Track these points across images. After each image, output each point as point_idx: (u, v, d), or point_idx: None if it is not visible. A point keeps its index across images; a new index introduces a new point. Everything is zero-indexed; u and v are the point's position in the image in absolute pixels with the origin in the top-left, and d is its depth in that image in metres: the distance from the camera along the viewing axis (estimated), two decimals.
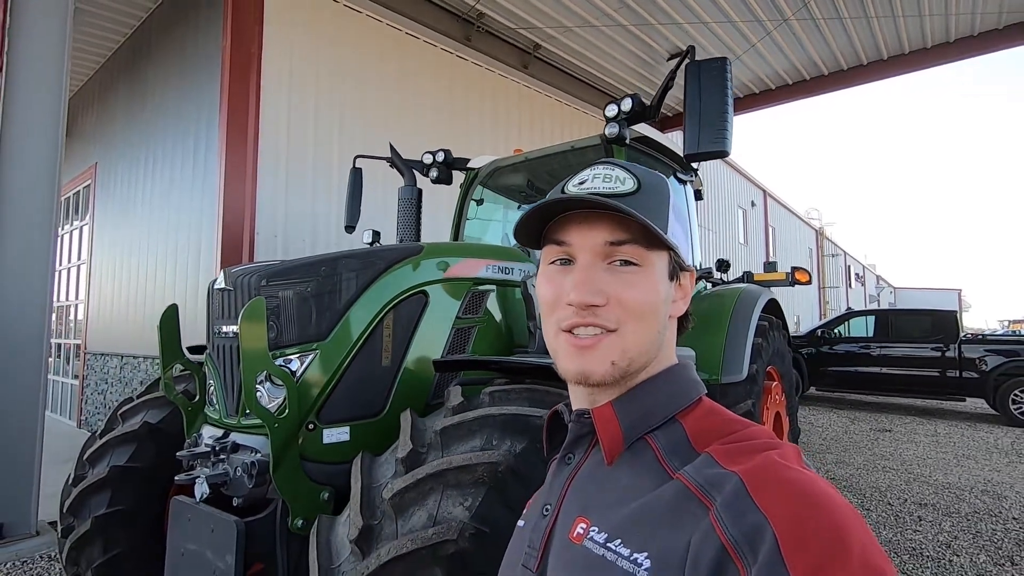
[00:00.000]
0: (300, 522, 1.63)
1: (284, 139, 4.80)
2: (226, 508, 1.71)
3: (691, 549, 0.49)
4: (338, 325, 1.82)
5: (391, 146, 3.55)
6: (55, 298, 7.95)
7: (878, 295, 36.23)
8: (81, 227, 7.40)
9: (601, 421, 0.64)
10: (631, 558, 0.53)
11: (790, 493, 0.47)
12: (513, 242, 3.13)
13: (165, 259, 5.39)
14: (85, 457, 2.19)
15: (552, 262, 0.66)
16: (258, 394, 1.69)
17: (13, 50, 3.28)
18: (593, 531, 0.58)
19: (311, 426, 1.72)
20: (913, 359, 8.71)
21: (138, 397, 2.35)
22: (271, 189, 4.69)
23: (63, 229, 8.01)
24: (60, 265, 8.02)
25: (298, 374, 1.74)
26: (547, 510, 0.66)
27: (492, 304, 2.43)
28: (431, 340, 2.06)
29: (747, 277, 3.78)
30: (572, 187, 0.67)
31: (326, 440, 1.75)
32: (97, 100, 7.27)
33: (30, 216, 3.33)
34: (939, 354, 8.50)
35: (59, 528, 2.17)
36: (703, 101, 2.15)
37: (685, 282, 0.69)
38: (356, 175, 3.63)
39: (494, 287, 2.42)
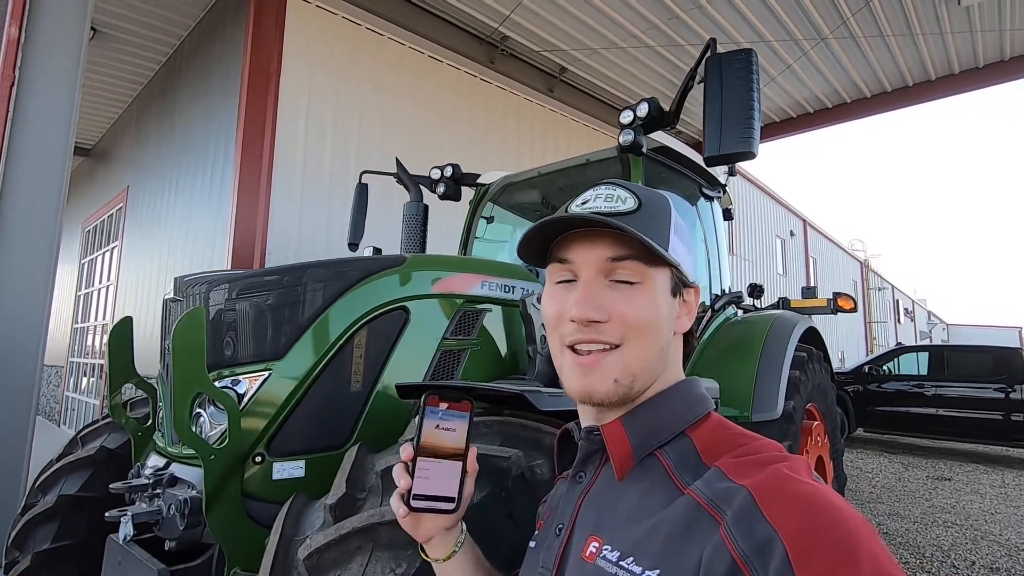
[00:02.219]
0: (238, 573, 1.38)
1: (300, 158, 4.74)
2: (160, 551, 1.48)
3: (703, 564, 0.49)
4: (298, 342, 1.60)
5: (397, 160, 3.40)
6: (91, 319, 8.10)
7: (930, 331, 34.31)
8: (112, 249, 7.54)
9: (611, 438, 0.64)
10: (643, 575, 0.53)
11: (799, 505, 0.47)
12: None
13: None
14: (37, 484, 2.01)
15: (558, 282, 0.68)
16: (200, 420, 1.48)
17: (26, 65, 3.29)
18: (606, 549, 0.58)
19: (259, 459, 1.49)
20: (973, 400, 7.96)
21: (103, 419, 2.17)
22: (285, 207, 4.61)
23: (98, 251, 8.20)
24: (90, 287, 8.19)
25: (247, 397, 1.51)
26: (560, 529, 0.66)
27: (492, 325, 2.18)
28: (411, 363, 1.81)
29: (783, 303, 3.43)
30: (575, 207, 0.70)
31: (276, 475, 1.50)
32: (133, 127, 7.48)
33: (32, 231, 3.27)
34: (1002, 395, 7.75)
35: (2, 563, 1.97)
36: (725, 97, 1.90)
37: (689, 298, 0.69)
38: (362, 191, 3.49)
39: (492, 306, 2.18)
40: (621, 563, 0.55)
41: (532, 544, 0.73)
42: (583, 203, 0.69)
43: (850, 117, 8.40)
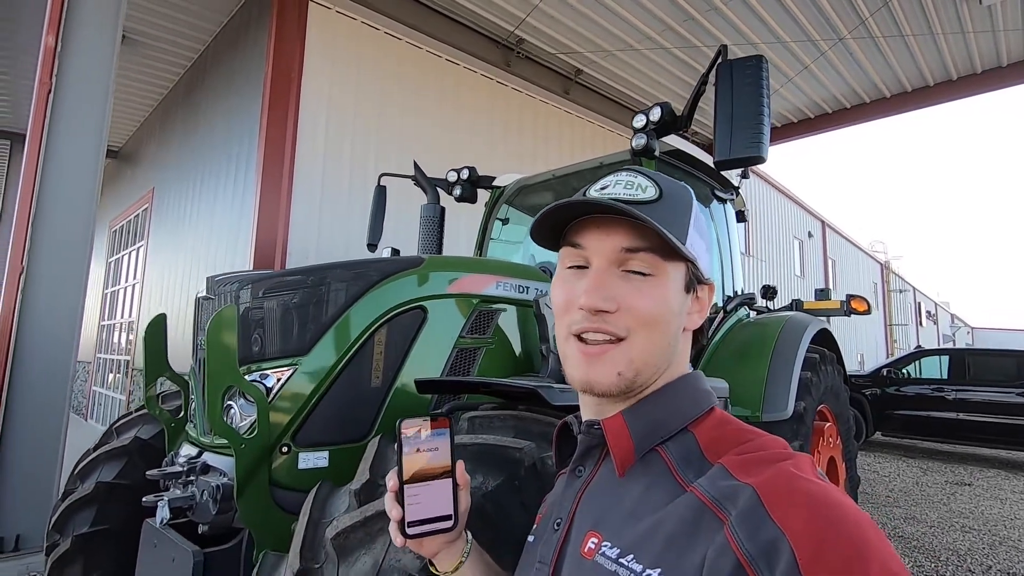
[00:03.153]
0: (268, 554, 1.47)
1: (320, 160, 4.86)
2: (194, 535, 1.57)
3: (706, 564, 0.48)
4: (322, 339, 1.68)
5: (415, 163, 3.49)
6: (116, 316, 8.34)
7: (953, 335, 33.62)
8: (138, 248, 7.76)
9: (612, 432, 0.63)
10: (644, 574, 0.52)
11: (807, 506, 0.46)
12: (537, 263, 2.96)
13: (203, 279, 5.52)
14: (76, 471, 2.12)
15: (568, 267, 0.67)
16: (231, 411, 1.56)
17: (62, 74, 3.44)
18: (605, 546, 0.57)
19: (285, 449, 1.57)
20: (996, 405, 7.83)
21: (135, 411, 2.28)
22: (306, 208, 4.73)
23: (124, 251, 8.44)
24: (116, 285, 8.43)
25: (274, 391, 1.60)
26: (558, 524, 0.65)
27: (506, 324, 2.24)
28: (428, 360, 1.89)
29: (796, 305, 3.44)
30: (593, 191, 0.67)
31: (302, 465, 1.58)
32: (157, 130, 7.69)
33: (67, 232, 3.42)
34: None
35: (44, 545, 2.09)
36: (735, 102, 1.94)
37: (703, 295, 0.67)
38: (380, 193, 3.58)
39: (507, 306, 2.24)
40: (621, 560, 0.54)
41: (531, 538, 0.72)
42: (602, 188, 0.66)
43: (869, 117, 8.31)
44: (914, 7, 5.79)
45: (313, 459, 1.60)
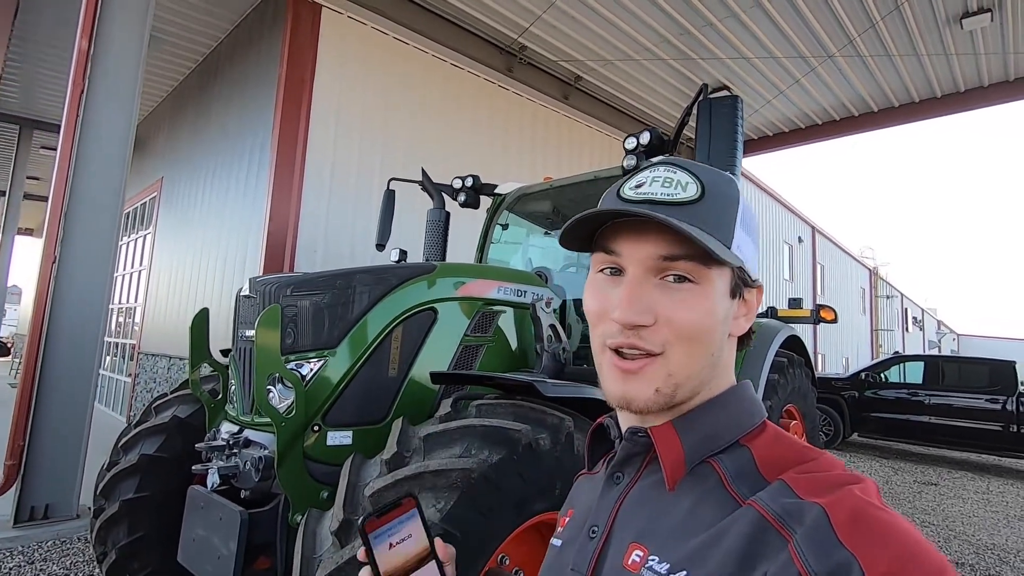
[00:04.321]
0: (300, 517, 1.74)
1: (330, 160, 5.10)
2: (236, 500, 1.85)
3: None
4: (349, 335, 1.95)
5: (423, 170, 3.74)
6: (116, 301, 8.55)
7: (939, 341, 34.25)
8: (144, 235, 7.97)
9: (662, 442, 0.59)
10: None
11: (881, 534, 0.44)
12: (534, 267, 3.23)
13: (214, 268, 5.75)
14: (120, 445, 2.39)
15: (601, 270, 0.62)
16: (270, 395, 1.84)
17: (94, 75, 3.66)
18: (652, 560, 0.54)
19: (316, 428, 1.85)
20: (966, 410, 8.21)
21: (171, 393, 2.54)
22: (315, 206, 4.98)
23: (129, 237, 8.64)
24: (123, 270, 8.63)
25: (308, 378, 1.87)
26: (594, 532, 0.62)
27: (505, 325, 2.52)
28: (437, 355, 2.17)
29: (771, 312, 3.73)
30: (628, 190, 0.61)
31: (330, 442, 1.86)
32: (168, 120, 7.88)
33: (96, 226, 3.66)
34: (996, 407, 7.99)
35: (91, 509, 2.35)
36: (713, 137, 2.22)
37: (750, 298, 0.63)
38: (389, 196, 3.82)
39: (507, 308, 2.52)
40: None
41: (556, 542, 0.68)
42: (637, 186, 0.61)
43: (858, 130, 8.63)
44: (899, 29, 6.08)
45: (339, 437, 1.88)
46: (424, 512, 0.66)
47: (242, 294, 2.07)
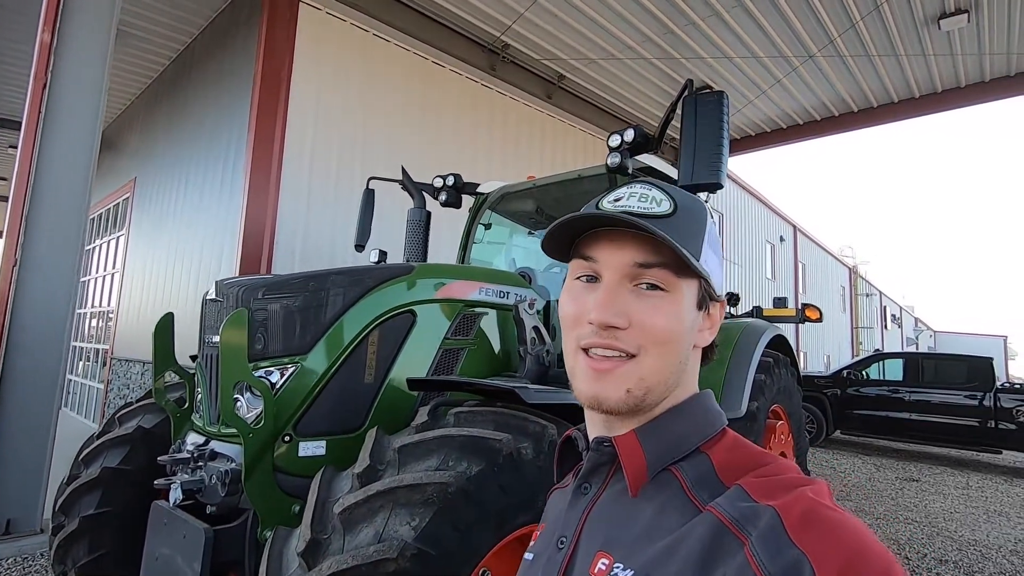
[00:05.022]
0: (269, 533, 1.65)
1: (308, 159, 4.98)
2: (202, 515, 1.74)
3: None
4: (321, 340, 1.86)
5: (403, 168, 3.64)
6: (88, 305, 8.30)
7: (916, 338, 34.90)
8: (118, 237, 7.74)
9: (625, 450, 0.61)
10: None
11: (829, 531, 0.46)
12: (517, 267, 3.16)
13: (188, 270, 5.59)
14: (80, 457, 2.26)
15: (578, 277, 0.65)
16: (237, 404, 1.74)
17: (58, 69, 3.51)
18: (617, 568, 0.56)
19: (287, 438, 1.75)
20: (946, 406, 8.32)
21: (137, 402, 2.42)
22: (293, 207, 4.85)
23: (102, 239, 8.39)
24: (96, 273, 8.38)
25: (278, 386, 1.77)
26: (562, 543, 0.64)
27: (488, 327, 2.44)
28: (416, 359, 2.08)
29: (756, 312, 3.71)
30: (607, 203, 0.65)
31: (302, 453, 1.77)
32: (141, 119, 7.67)
33: (61, 226, 3.50)
34: (974, 403, 8.11)
35: (51, 526, 2.23)
36: (698, 133, 2.16)
37: (714, 312, 0.67)
38: (369, 196, 3.72)
39: (489, 310, 2.44)
40: None
41: (529, 556, 0.70)
42: (615, 200, 0.65)
43: (839, 130, 8.71)
44: (879, 29, 6.12)
45: (312, 447, 1.78)
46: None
47: (208, 297, 1.96)
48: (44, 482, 3.38)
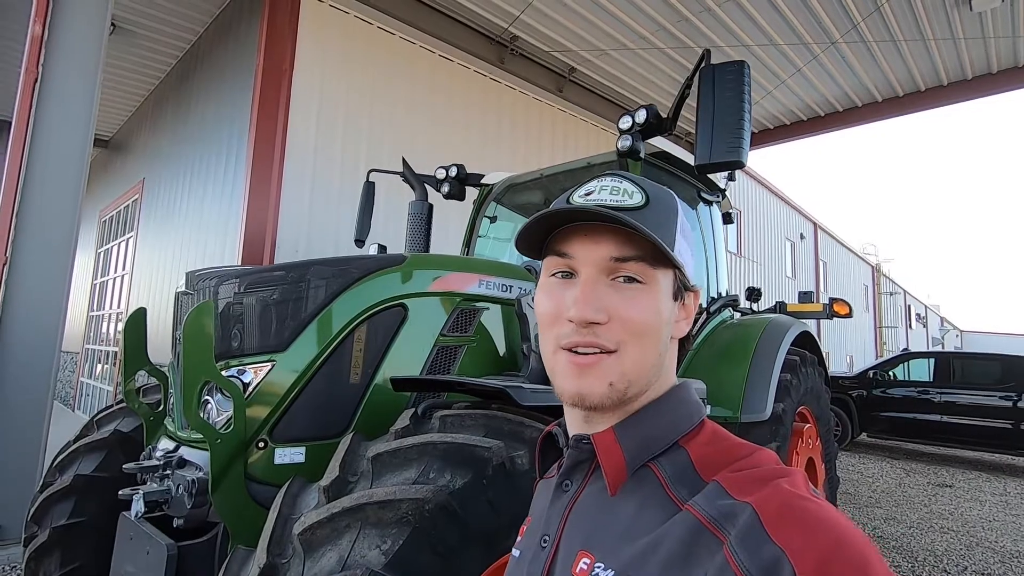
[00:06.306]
0: (240, 549, 1.48)
1: (311, 154, 4.85)
2: (170, 529, 1.58)
3: None
4: (301, 335, 1.69)
5: (403, 160, 3.49)
6: (104, 307, 8.29)
7: (942, 337, 33.95)
8: (127, 239, 7.71)
9: (603, 448, 0.61)
10: None
11: (808, 524, 0.46)
12: (524, 262, 2.97)
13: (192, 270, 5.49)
14: (55, 463, 2.12)
15: (553, 274, 0.64)
16: (208, 406, 1.57)
17: (49, 63, 3.41)
18: (599, 568, 0.55)
19: (262, 444, 1.58)
20: (979, 408, 7.93)
21: (116, 404, 2.28)
22: (295, 203, 4.72)
23: (112, 242, 8.39)
24: (105, 276, 8.38)
25: (252, 386, 1.61)
26: (545, 541, 0.63)
27: (490, 323, 2.26)
28: (408, 357, 1.90)
29: (780, 307, 3.47)
30: (578, 198, 0.64)
31: (278, 460, 1.60)
32: (149, 119, 7.63)
33: (52, 225, 3.40)
34: (1010, 404, 7.71)
35: (22, 537, 2.09)
36: (717, 107, 1.96)
37: (689, 302, 0.66)
38: (369, 189, 3.58)
39: (490, 305, 2.26)
40: None
41: (516, 553, 0.69)
42: (586, 194, 0.63)
43: (861, 121, 8.35)
44: (906, 12, 5.82)
45: (290, 454, 1.61)
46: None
47: (179, 291, 1.80)
48: (36, 488, 3.27)
